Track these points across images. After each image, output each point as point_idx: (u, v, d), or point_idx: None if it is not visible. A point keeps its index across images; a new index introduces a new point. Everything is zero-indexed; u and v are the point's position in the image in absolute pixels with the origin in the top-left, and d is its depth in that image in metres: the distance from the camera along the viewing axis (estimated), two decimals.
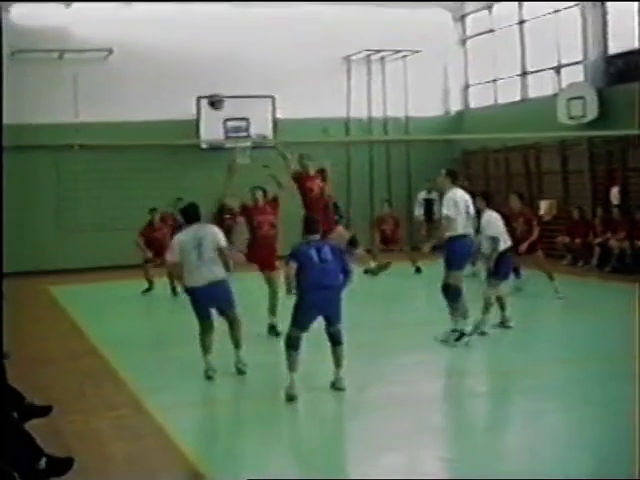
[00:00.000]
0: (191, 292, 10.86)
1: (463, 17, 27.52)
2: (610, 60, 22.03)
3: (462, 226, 12.30)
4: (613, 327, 13.05)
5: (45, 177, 23.58)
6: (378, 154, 26.41)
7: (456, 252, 12.18)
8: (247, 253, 13.89)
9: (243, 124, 24.52)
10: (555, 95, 22.96)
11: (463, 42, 27.72)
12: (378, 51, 26.17)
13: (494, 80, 26.45)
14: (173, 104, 24.13)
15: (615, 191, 20.80)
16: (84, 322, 15.17)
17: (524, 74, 25.18)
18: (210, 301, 10.89)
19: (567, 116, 22.06)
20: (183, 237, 10.92)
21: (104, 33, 23.89)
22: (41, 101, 23.18)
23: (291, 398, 9.68)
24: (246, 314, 11.42)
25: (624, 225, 19.91)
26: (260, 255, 13.70)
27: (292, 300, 9.97)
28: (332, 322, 10.00)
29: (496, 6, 26.01)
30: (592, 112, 21.46)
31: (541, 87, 24.41)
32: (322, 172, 14.67)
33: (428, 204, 20.49)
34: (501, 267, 12.67)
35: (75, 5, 23.73)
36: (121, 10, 24.25)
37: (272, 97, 24.81)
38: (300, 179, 14.27)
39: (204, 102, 23.97)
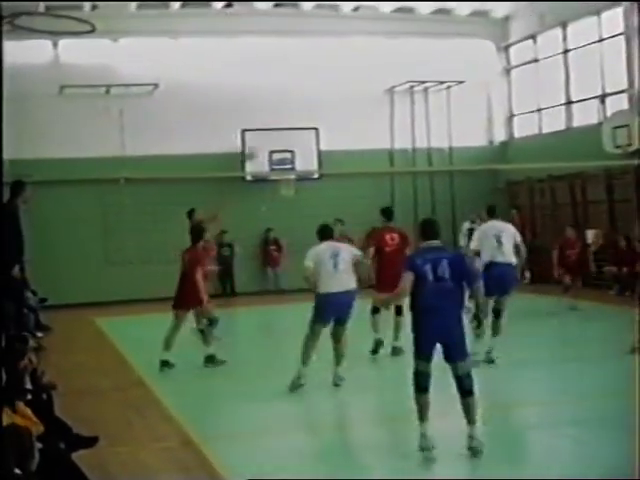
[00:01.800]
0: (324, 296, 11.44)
1: (507, 47, 27.52)
2: None
3: (489, 255, 12.91)
4: None
5: (92, 210, 23.78)
6: (422, 185, 26.39)
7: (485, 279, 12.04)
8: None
9: (288, 156, 24.65)
10: (600, 124, 22.84)
11: (507, 72, 27.70)
12: (422, 82, 26.21)
13: (538, 110, 26.36)
14: (218, 137, 24.36)
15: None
16: (130, 353, 15.23)
17: (568, 103, 25.09)
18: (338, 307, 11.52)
19: (613, 145, 21.92)
20: (319, 248, 11.66)
21: (149, 68, 24.19)
22: (88, 135, 23.46)
23: (426, 454, 8.28)
24: None
25: None
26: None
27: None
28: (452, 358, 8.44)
29: (540, 36, 25.97)
30: (638, 140, 21.33)
31: (586, 116, 24.28)
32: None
33: (472, 234, 20.28)
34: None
35: (122, 41, 24.08)
36: (166, 44, 24.59)
37: (316, 129, 24.91)
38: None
39: (248, 134, 24.28)
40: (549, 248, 19.91)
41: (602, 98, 23.70)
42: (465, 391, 8.32)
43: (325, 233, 11.87)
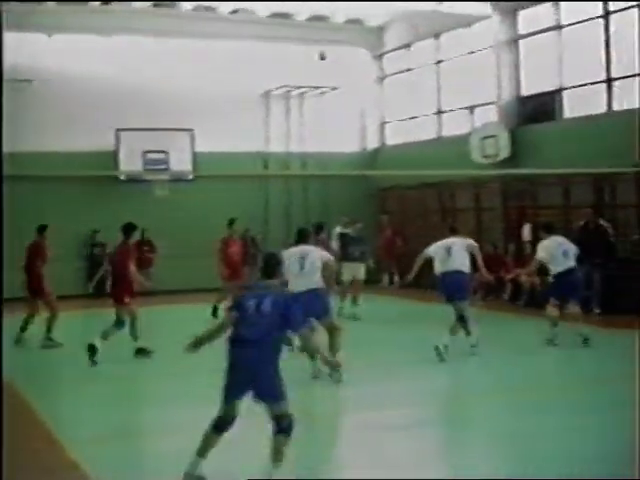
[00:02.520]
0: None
1: (381, 55, 28.04)
2: (522, 101, 22.67)
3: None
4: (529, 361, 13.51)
5: None
6: (296, 189, 26.65)
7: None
8: None
9: (162, 156, 24.58)
10: (469, 134, 23.51)
11: (381, 80, 28.22)
12: (297, 87, 26.50)
13: (410, 118, 26.96)
14: (92, 135, 24.13)
15: (527, 228, 21.33)
16: None
17: (439, 113, 25.76)
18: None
19: (481, 155, 22.61)
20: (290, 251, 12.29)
21: (23, 64, 23.81)
22: None
23: None
24: None
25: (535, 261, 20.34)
26: None
27: None
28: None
29: (414, 45, 26.56)
30: (505, 151, 22.05)
31: (456, 126, 24.96)
32: None
33: (343, 238, 20.37)
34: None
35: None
36: (41, 40, 24.26)
37: (191, 130, 24.93)
38: None
39: (123, 134, 24.13)
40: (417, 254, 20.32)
41: (471, 109, 24.42)
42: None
43: (300, 236, 12.56)
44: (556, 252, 14.41)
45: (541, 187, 21.55)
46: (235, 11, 25.77)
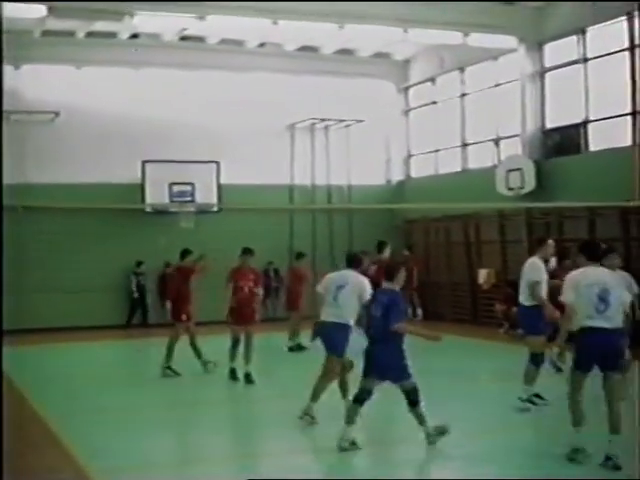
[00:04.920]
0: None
1: (407, 89, 28.16)
2: (547, 133, 22.67)
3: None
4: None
5: None
6: (321, 222, 26.70)
7: None
8: None
9: (188, 189, 24.70)
10: (494, 167, 23.52)
11: (406, 113, 28.31)
12: (322, 120, 26.62)
13: (435, 151, 27.02)
14: (119, 168, 24.35)
15: (553, 261, 21.22)
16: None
17: (464, 145, 25.79)
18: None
19: (506, 187, 22.60)
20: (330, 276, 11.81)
21: (51, 96, 24.12)
22: None
23: None
24: None
25: None
26: None
27: None
28: None
29: (439, 78, 26.66)
30: (530, 184, 22.03)
31: (481, 159, 24.99)
32: None
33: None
34: None
35: (25, 67, 23.89)
36: (70, 73, 24.53)
37: (217, 162, 25.06)
38: None
39: (149, 166, 24.30)
40: (442, 286, 20.35)
41: (497, 142, 24.45)
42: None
43: (350, 261, 11.77)
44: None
45: (567, 220, 21.50)
46: (262, 44, 25.96)
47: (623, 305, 9.25)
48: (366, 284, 11.27)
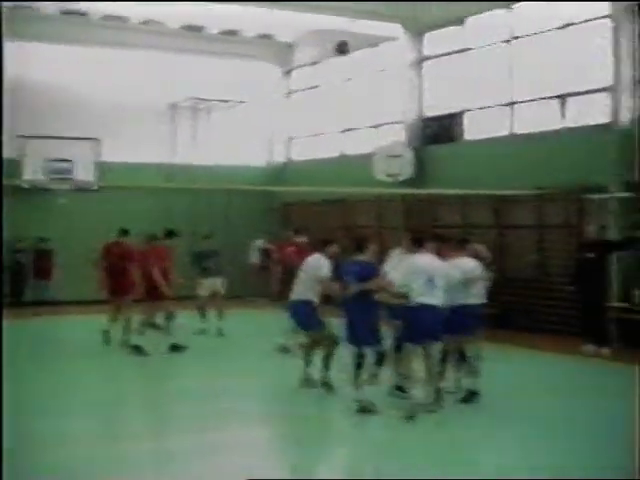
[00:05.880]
0: None
1: (290, 71, 28.25)
2: (426, 122, 23.04)
3: None
4: None
5: None
6: (201, 202, 26.55)
7: None
8: None
9: (67, 165, 24.24)
10: (374, 153, 23.76)
11: (289, 95, 28.42)
12: (205, 100, 26.51)
13: (317, 135, 27.21)
14: None
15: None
16: None
17: (346, 130, 26.03)
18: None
19: (384, 173, 22.85)
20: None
21: None
22: None
23: None
24: None
25: None
26: None
27: None
28: None
29: (323, 63, 26.82)
30: (408, 171, 22.36)
31: (361, 144, 25.25)
32: None
33: (199, 254, 19.81)
34: None
35: None
36: None
37: (97, 140, 24.67)
38: None
39: (26, 141, 23.78)
40: None
41: (377, 128, 24.73)
42: None
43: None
44: None
45: (441, 207, 21.93)
46: (146, 22, 25.72)
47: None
48: (322, 263, 11.93)
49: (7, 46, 24.22)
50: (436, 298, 10.68)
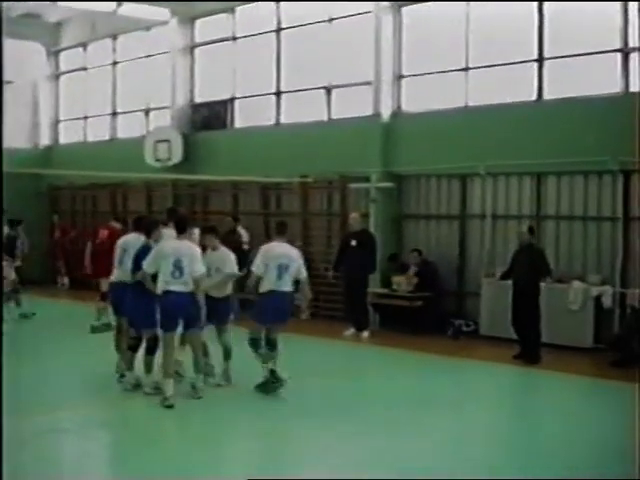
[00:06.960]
0: None
1: (57, 52, 27.64)
2: (196, 108, 23.16)
3: None
4: None
5: None
6: None
7: None
8: None
9: None
10: (143, 137, 23.70)
11: (56, 77, 27.81)
12: None
13: (85, 117, 26.81)
14: None
15: (196, 232, 21.76)
16: None
17: (114, 114, 25.80)
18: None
19: (154, 158, 22.86)
20: None
21: None
22: None
23: None
24: None
25: None
26: None
27: None
28: None
29: (91, 45, 26.42)
30: (177, 156, 22.45)
31: (131, 128, 25.10)
32: None
33: (10, 240, 19.30)
34: None
35: None
36: None
37: None
38: None
39: None
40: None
41: (146, 112, 24.67)
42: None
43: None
44: None
45: (212, 193, 22.19)
46: None
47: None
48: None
49: None
50: (184, 285, 10.77)
